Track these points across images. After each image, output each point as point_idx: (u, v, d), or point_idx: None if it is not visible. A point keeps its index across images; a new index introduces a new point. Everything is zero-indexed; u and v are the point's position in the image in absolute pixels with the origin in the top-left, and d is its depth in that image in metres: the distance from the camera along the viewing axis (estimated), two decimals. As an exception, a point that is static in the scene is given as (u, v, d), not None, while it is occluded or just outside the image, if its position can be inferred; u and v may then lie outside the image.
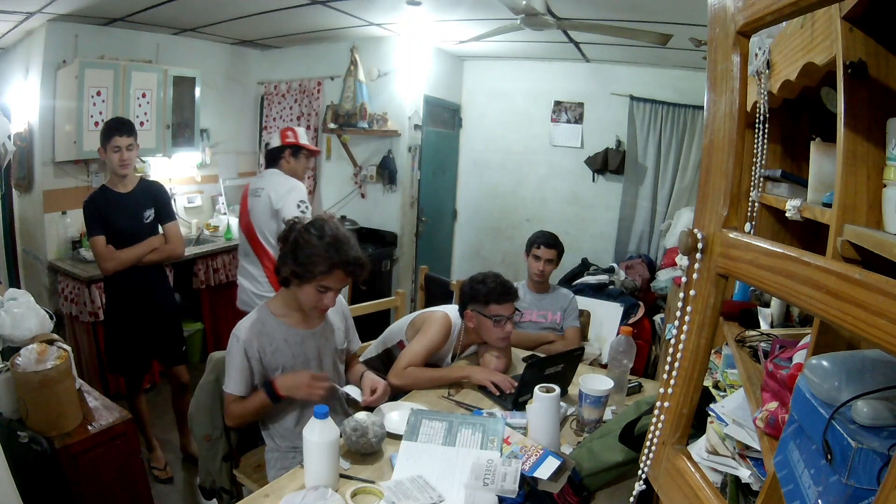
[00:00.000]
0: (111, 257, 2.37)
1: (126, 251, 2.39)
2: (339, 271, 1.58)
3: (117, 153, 2.33)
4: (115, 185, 2.41)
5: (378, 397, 1.69)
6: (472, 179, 5.13)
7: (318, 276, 1.57)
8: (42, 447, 1.49)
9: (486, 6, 2.93)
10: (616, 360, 1.91)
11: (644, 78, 4.35)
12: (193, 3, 3.06)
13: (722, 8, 0.72)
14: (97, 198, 2.40)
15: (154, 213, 2.47)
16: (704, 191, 0.75)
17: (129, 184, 2.43)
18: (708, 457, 0.94)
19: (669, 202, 4.42)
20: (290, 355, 1.67)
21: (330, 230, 1.60)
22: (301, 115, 4.38)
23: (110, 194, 2.40)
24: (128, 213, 2.41)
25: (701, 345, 0.73)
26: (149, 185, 2.54)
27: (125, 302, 2.51)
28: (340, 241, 1.59)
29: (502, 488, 1.26)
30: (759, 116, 1.22)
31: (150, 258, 2.46)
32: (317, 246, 1.56)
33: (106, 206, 2.36)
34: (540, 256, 2.67)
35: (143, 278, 2.48)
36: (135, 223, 2.43)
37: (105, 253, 2.37)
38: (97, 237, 2.36)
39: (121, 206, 2.39)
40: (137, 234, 2.43)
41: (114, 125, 2.36)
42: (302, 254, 1.57)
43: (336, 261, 1.56)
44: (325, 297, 1.62)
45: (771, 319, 1.31)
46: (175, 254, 2.57)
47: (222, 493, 1.83)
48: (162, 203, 2.52)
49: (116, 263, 2.37)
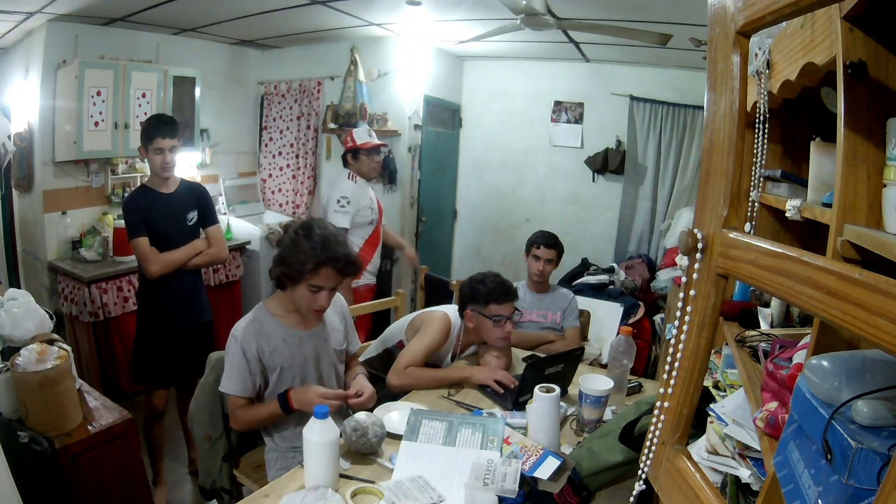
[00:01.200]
0: (157, 260, 2.24)
1: (171, 254, 2.27)
2: (327, 269, 1.58)
3: (160, 155, 2.21)
4: (158, 185, 2.30)
5: (363, 401, 1.67)
6: (472, 179, 5.13)
7: (306, 275, 1.57)
8: (42, 447, 1.49)
9: (486, 6, 2.93)
10: (616, 360, 1.91)
11: (644, 78, 4.35)
12: (193, 3, 3.06)
13: (722, 8, 0.72)
14: (138, 197, 2.29)
15: (197, 216, 2.37)
16: (704, 191, 0.75)
17: (172, 185, 2.32)
18: (708, 457, 0.94)
19: (669, 202, 4.42)
20: (287, 356, 1.67)
21: (318, 230, 1.61)
22: (301, 115, 4.38)
23: (153, 195, 2.28)
24: (171, 214, 2.29)
25: (701, 345, 0.73)
26: (192, 186, 2.44)
27: (161, 309, 2.35)
28: (327, 239, 1.59)
29: (502, 488, 1.26)
30: (759, 116, 1.22)
31: (196, 262, 2.35)
32: (303, 246, 1.57)
33: (148, 206, 2.25)
34: (539, 256, 2.67)
35: (183, 285, 2.36)
36: (178, 225, 2.31)
37: (150, 255, 2.23)
38: (141, 238, 2.22)
39: (163, 207, 2.28)
40: (180, 237, 2.31)
41: (155, 124, 2.23)
42: (290, 255, 1.59)
43: (323, 258, 1.56)
44: (319, 297, 1.62)
45: (771, 319, 1.31)
46: (220, 257, 2.49)
47: (222, 494, 1.84)
48: (206, 205, 2.42)
49: (162, 266, 2.24)
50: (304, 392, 1.61)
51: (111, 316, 3.10)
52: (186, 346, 2.40)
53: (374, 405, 1.73)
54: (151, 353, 2.37)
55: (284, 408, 1.60)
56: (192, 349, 2.40)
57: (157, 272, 2.24)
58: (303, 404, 1.59)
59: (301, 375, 1.70)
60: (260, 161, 4.62)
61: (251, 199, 4.53)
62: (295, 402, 1.60)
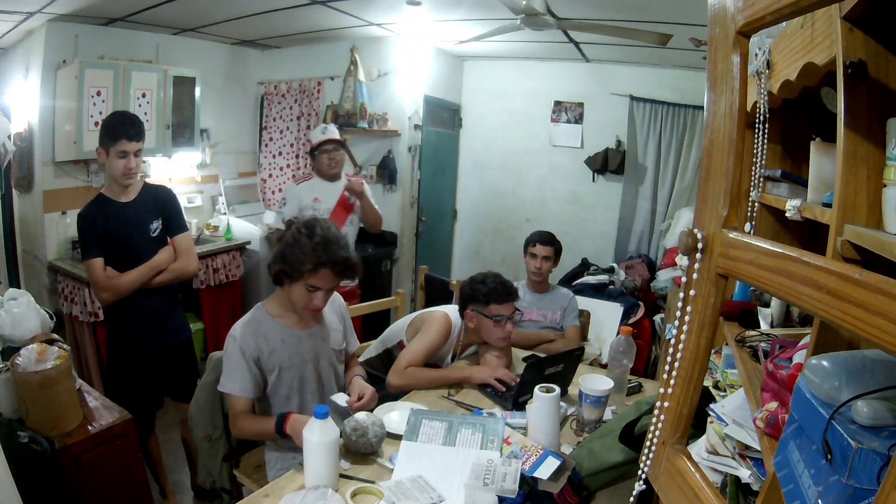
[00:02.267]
0: (107, 286, 1.99)
1: (126, 276, 2.01)
2: (325, 270, 1.57)
3: (123, 160, 1.96)
4: (116, 193, 2.04)
5: (364, 403, 1.66)
6: (472, 179, 5.13)
7: (305, 274, 1.57)
8: (42, 447, 1.49)
9: (486, 6, 2.93)
10: (616, 360, 1.91)
11: (644, 78, 4.35)
12: (193, 3, 3.06)
13: (722, 8, 0.72)
14: (94, 211, 2.02)
15: (162, 225, 2.12)
16: (704, 191, 0.75)
17: (132, 191, 2.07)
18: (708, 457, 0.94)
19: (669, 202, 4.42)
20: (286, 356, 1.67)
21: (320, 230, 1.60)
22: (301, 115, 4.38)
23: (110, 206, 2.03)
24: (131, 226, 2.05)
25: (701, 345, 0.73)
26: (154, 190, 2.16)
27: (129, 331, 2.13)
28: (329, 240, 1.58)
29: (502, 488, 1.26)
30: (759, 116, 1.22)
31: (159, 280, 2.09)
32: (305, 245, 1.57)
33: (105, 219, 2.00)
34: (536, 254, 2.67)
35: (150, 304, 2.10)
36: (140, 238, 2.06)
37: (101, 280, 1.98)
38: (93, 260, 1.97)
39: (123, 219, 2.03)
40: (144, 251, 2.06)
41: (120, 123, 1.98)
42: (290, 252, 1.58)
43: (323, 260, 1.56)
44: (315, 297, 1.61)
45: (771, 319, 1.31)
46: (187, 271, 2.19)
47: (222, 494, 1.84)
48: (171, 212, 2.16)
49: (113, 293, 2.00)
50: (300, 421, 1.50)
51: (111, 316, 3.10)
52: (163, 370, 2.18)
53: (374, 405, 1.73)
54: (122, 379, 2.17)
55: (279, 429, 1.55)
56: (169, 372, 2.20)
57: (109, 299, 2.02)
58: (295, 433, 1.50)
59: (300, 376, 1.70)
60: (260, 161, 4.62)
61: (251, 199, 4.53)
62: (289, 428, 1.54)
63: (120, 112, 2.19)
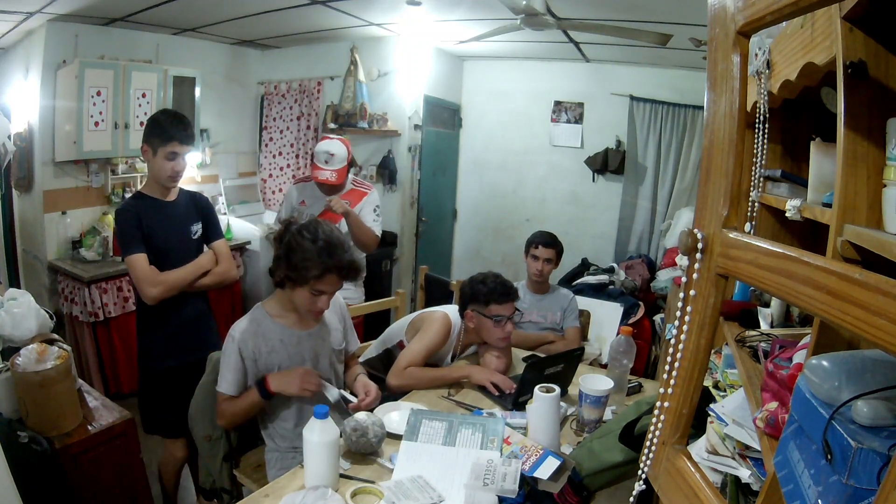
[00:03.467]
0: (158, 281, 1.88)
1: (174, 273, 1.92)
2: (332, 275, 1.57)
3: (172, 161, 1.89)
4: (157, 192, 1.96)
5: (370, 402, 1.67)
6: (472, 179, 5.13)
7: (311, 279, 1.56)
8: (42, 447, 1.49)
9: (486, 6, 2.93)
10: (616, 360, 1.91)
11: (644, 78, 4.35)
12: (193, 3, 3.06)
13: (722, 8, 0.72)
14: (136, 206, 1.93)
15: (202, 229, 2.06)
16: (704, 191, 0.75)
17: (173, 192, 2.00)
18: (708, 457, 0.94)
19: (669, 202, 4.42)
20: (285, 356, 1.67)
21: (323, 233, 1.58)
22: (301, 115, 4.38)
23: (152, 203, 1.94)
24: (174, 226, 1.98)
25: (701, 345, 0.73)
26: (192, 194, 2.10)
27: (167, 343, 2.00)
28: (333, 244, 1.57)
29: (502, 488, 1.26)
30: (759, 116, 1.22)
31: (203, 283, 2.00)
32: (309, 250, 1.55)
33: (147, 216, 1.91)
34: (538, 256, 2.67)
35: (190, 311, 2.02)
36: (182, 239, 1.99)
37: (150, 275, 1.87)
38: (138, 255, 1.86)
39: (165, 218, 1.95)
40: (184, 253, 1.98)
41: (173, 124, 1.88)
42: (295, 257, 1.56)
43: (329, 265, 1.55)
44: (320, 301, 1.62)
45: (771, 319, 1.31)
46: (230, 276, 2.12)
47: (222, 494, 1.83)
48: (211, 217, 2.11)
49: (164, 289, 1.89)
50: (283, 373, 1.60)
51: (111, 316, 3.10)
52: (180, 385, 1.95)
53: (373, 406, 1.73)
54: (160, 397, 2.02)
55: (263, 394, 1.58)
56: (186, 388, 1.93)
57: (158, 296, 1.89)
58: (281, 384, 1.57)
59: None
60: (260, 161, 4.63)
61: (251, 199, 4.54)
62: (272, 385, 1.57)
63: (170, 111, 2.05)
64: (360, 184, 2.85)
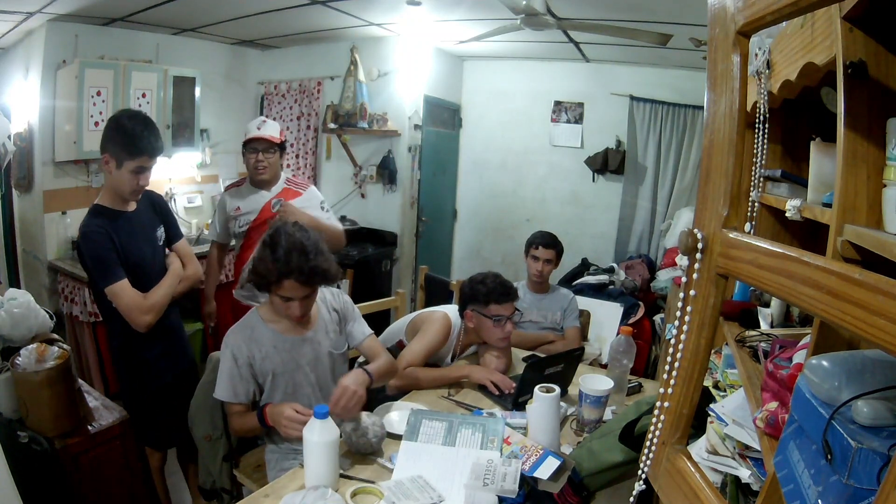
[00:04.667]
0: (148, 307, 1.75)
1: (159, 293, 1.81)
2: (289, 281, 1.51)
3: (139, 175, 1.73)
4: (117, 203, 1.80)
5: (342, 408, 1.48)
6: (472, 179, 5.13)
7: (272, 286, 1.54)
8: (42, 447, 1.49)
9: (486, 6, 2.93)
10: (616, 360, 1.91)
11: (644, 78, 4.35)
12: (193, 3, 3.06)
13: (722, 8, 0.72)
14: (104, 226, 1.73)
15: (163, 232, 1.95)
16: (704, 191, 0.75)
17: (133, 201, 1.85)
18: (708, 457, 0.94)
19: (669, 202, 4.42)
20: (279, 362, 1.65)
21: (284, 240, 1.52)
22: (301, 115, 4.38)
23: (118, 218, 1.78)
24: (142, 237, 1.85)
25: (701, 345, 0.73)
26: (150, 196, 1.95)
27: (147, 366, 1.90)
28: (292, 251, 1.50)
29: (502, 488, 1.26)
30: (759, 116, 1.22)
31: (177, 291, 1.91)
32: (267, 258, 1.51)
33: (117, 235, 1.75)
34: (538, 257, 2.67)
35: (168, 324, 1.91)
36: (150, 249, 1.87)
37: (139, 302, 1.73)
38: (121, 282, 1.70)
39: (133, 231, 1.82)
40: (157, 263, 1.89)
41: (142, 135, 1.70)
42: (258, 265, 1.55)
43: (284, 271, 1.49)
44: (291, 307, 1.57)
45: (771, 319, 1.31)
46: (197, 277, 2.02)
47: (222, 494, 1.83)
48: (170, 217, 2.00)
49: (156, 314, 1.77)
50: (278, 408, 1.52)
51: (111, 316, 3.09)
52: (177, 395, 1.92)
53: (373, 406, 1.72)
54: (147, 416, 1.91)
55: (262, 421, 1.56)
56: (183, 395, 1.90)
57: (152, 322, 1.76)
58: (274, 421, 1.52)
59: (294, 381, 1.68)
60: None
61: (251, 199, 4.52)
62: (269, 418, 1.54)
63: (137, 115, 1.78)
64: (296, 183, 2.64)
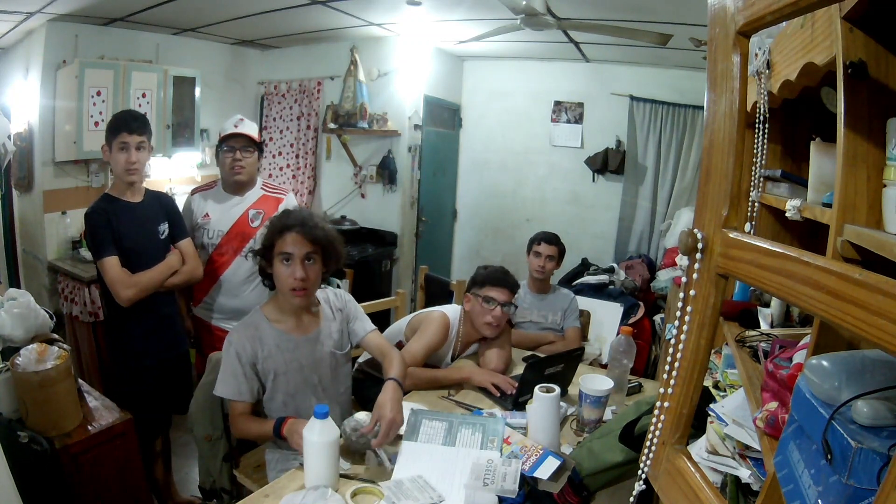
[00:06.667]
0: (131, 283, 1.92)
1: (146, 275, 1.97)
2: (291, 234, 1.60)
3: (124, 153, 1.93)
4: (123, 192, 2.01)
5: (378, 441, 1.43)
6: (472, 179, 5.13)
7: (275, 245, 1.61)
8: (42, 447, 1.49)
9: (486, 6, 2.93)
10: (616, 360, 1.91)
11: (644, 78, 4.35)
12: (193, 3, 3.06)
13: (722, 8, 0.72)
14: (105, 209, 1.95)
15: (168, 229, 2.10)
16: (704, 191, 0.75)
17: (138, 193, 2.04)
18: (708, 457, 0.94)
19: (669, 202, 4.42)
20: (282, 361, 1.66)
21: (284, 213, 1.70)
22: (301, 115, 4.38)
23: (119, 204, 1.99)
24: (142, 226, 2.01)
25: (701, 345, 0.73)
26: (157, 195, 2.16)
27: (138, 344, 2.04)
28: (288, 212, 1.69)
29: (502, 488, 1.26)
30: (759, 116, 1.22)
31: (171, 282, 2.05)
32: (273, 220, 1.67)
33: (116, 218, 1.94)
34: (540, 253, 2.67)
35: (159, 311, 2.07)
36: (149, 239, 2.02)
37: (123, 277, 1.91)
38: (110, 258, 1.90)
39: (134, 219, 1.99)
40: (153, 254, 2.02)
41: (122, 118, 1.97)
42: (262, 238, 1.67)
43: (287, 224, 1.61)
44: (294, 270, 1.58)
45: (771, 319, 1.31)
46: (196, 275, 2.16)
47: (222, 494, 1.83)
48: (176, 216, 2.16)
49: (137, 291, 1.93)
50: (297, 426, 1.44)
51: (111, 316, 3.10)
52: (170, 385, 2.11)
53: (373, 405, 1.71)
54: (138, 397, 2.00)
55: (276, 433, 1.53)
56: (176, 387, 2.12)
57: (133, 297, 1.93)
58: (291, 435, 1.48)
59: (296, 381, 1.68)
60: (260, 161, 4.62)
61: (251, 199, 4.53)
62: (285, 431, 1.50)
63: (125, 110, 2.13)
64: (274, 188, 2.52)
